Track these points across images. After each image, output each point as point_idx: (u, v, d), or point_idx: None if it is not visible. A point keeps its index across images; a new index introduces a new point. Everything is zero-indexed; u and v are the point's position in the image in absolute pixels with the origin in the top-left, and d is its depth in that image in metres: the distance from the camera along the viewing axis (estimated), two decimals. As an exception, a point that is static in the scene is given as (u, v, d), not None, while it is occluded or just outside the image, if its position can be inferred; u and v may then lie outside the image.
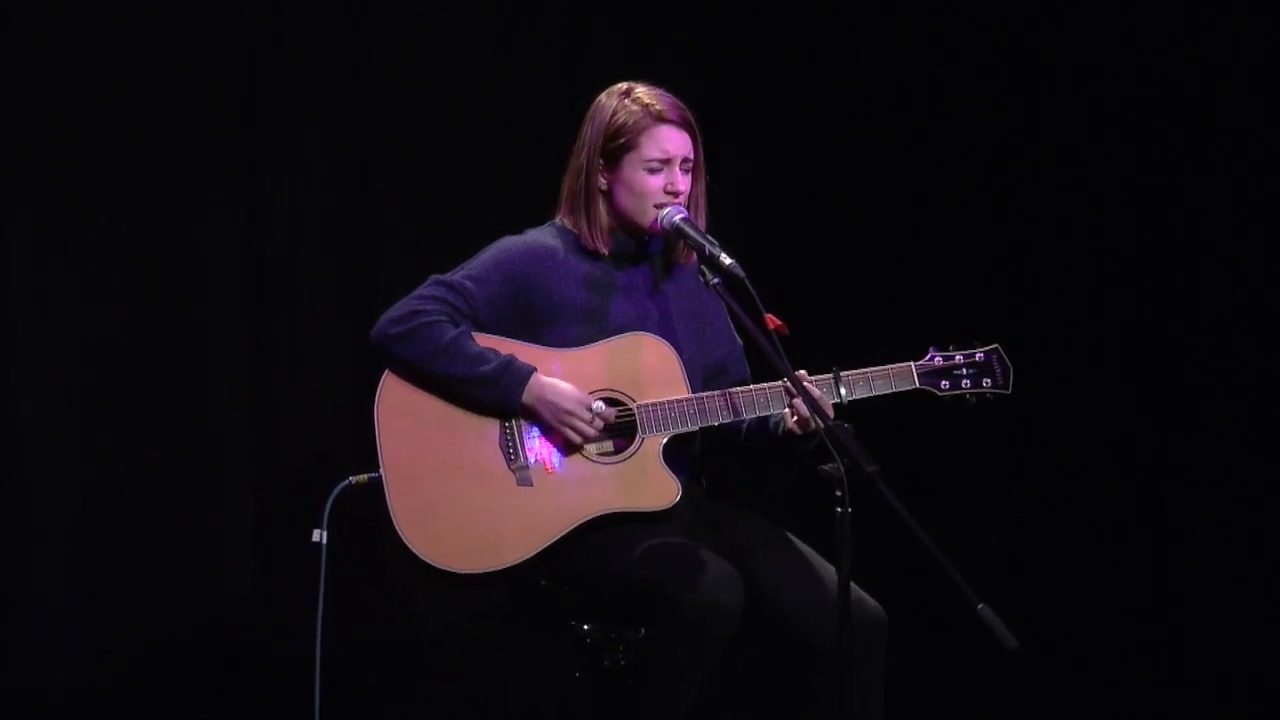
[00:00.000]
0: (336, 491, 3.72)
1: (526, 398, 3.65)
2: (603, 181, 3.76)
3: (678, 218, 3.69)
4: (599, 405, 3.66)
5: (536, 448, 3.67)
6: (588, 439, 3.66)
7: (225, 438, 4.95)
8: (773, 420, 3.75)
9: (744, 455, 3.86)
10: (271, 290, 5.00)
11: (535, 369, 3.66)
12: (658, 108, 3.72)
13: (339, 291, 5.06)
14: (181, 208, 4.92)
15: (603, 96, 3.78)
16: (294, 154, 5.02)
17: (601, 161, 3.75)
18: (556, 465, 3.67)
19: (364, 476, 3.70)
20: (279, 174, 5.01)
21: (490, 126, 5.19)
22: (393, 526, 3.62)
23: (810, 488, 3.40)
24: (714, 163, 3.82)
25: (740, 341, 3.89)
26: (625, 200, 3.74)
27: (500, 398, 3.64)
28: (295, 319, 5.02)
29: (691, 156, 3.74)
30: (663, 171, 3.72)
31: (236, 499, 4.97)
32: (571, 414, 3.64)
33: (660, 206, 3.71)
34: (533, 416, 3.67)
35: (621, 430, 3.69)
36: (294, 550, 3.92)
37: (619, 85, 3.78)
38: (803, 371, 3.61)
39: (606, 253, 3.77)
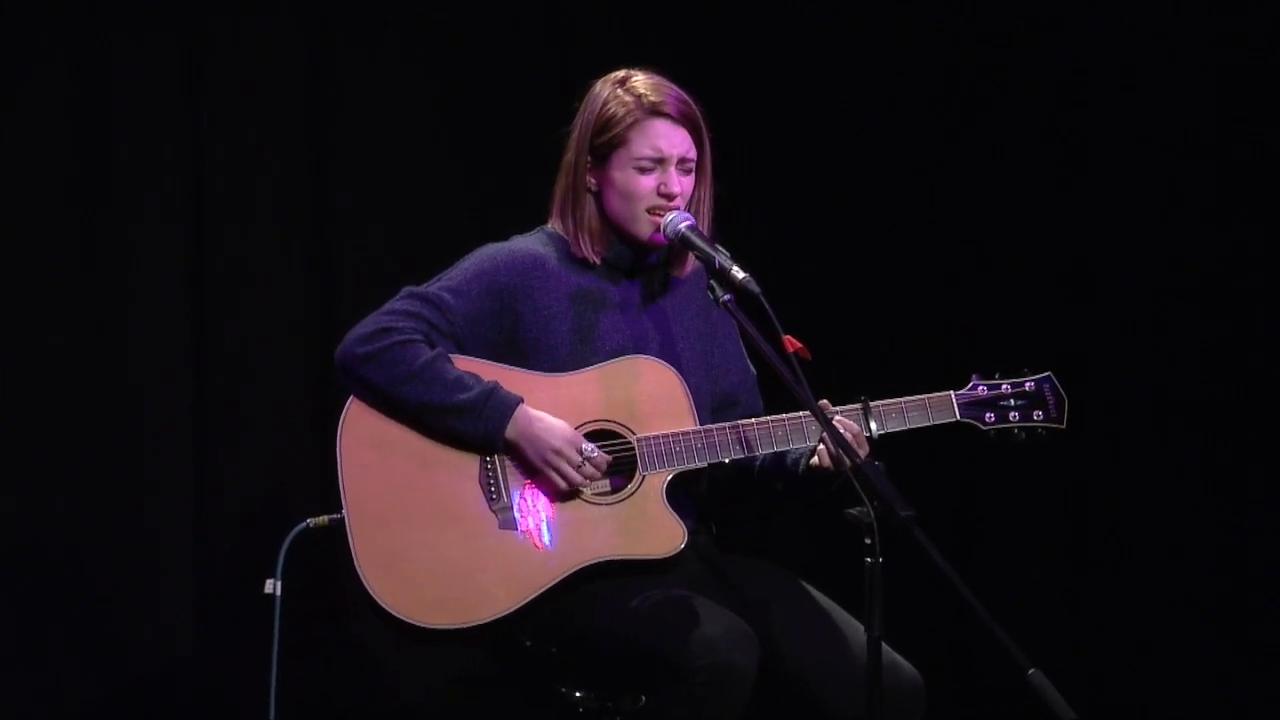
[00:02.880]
0: (292, 536, 3.73)
1: (511, 432, 3.66)
2: (591, 181, 3.78)
3: (683, 225, 3.70)
4: (590, 447, 3.67)
5: (522, 486, 3.68)
6: (573, 485, 3.67)
7: (162, 473, 4.94)
8: (790, 457, 3.76)
9: (758, 496, 3.87)
10: (216, 305, 5.00)
11: (522, 399, 3.67)
12: (652, 99, 3.73)
13: (296, 306, 5.06)
14: (115, 209, 4.92)
15: (598, 83, 3.80)
16: (242, 148, 5.03)
17: (590, 159, 3.77)
18: (545, 506, 3.69)
19: (324, 518, 3.71)
20: (225, 171, 5.02)
21: (471, 117, 5.20)
22: (357, 575, 3.61)
23: (835, 534, 3.41)
24: (725, 163, 3.83)
25: (753, 370, 3.90)
26: (615, 203, 3.76)
27: (482, 430, 3.65)
28: (245, 338, 5.01)
29: (692, 156, 3.75)
30: (655, 171, 3.73)
31: (175, 545, 4.95)
32: (559, 453, 3.65)
33: (653, 211, 3.73)
34: (517, 454, 3.68)
35: (619, 467, 3.70)
36: (243, 604, 3.92)
37: (617, 72, 3.80)
38: (825, 401, 3.62)
39: (599, 262, 3.79)
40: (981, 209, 5.57)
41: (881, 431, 3.70)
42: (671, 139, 3.73)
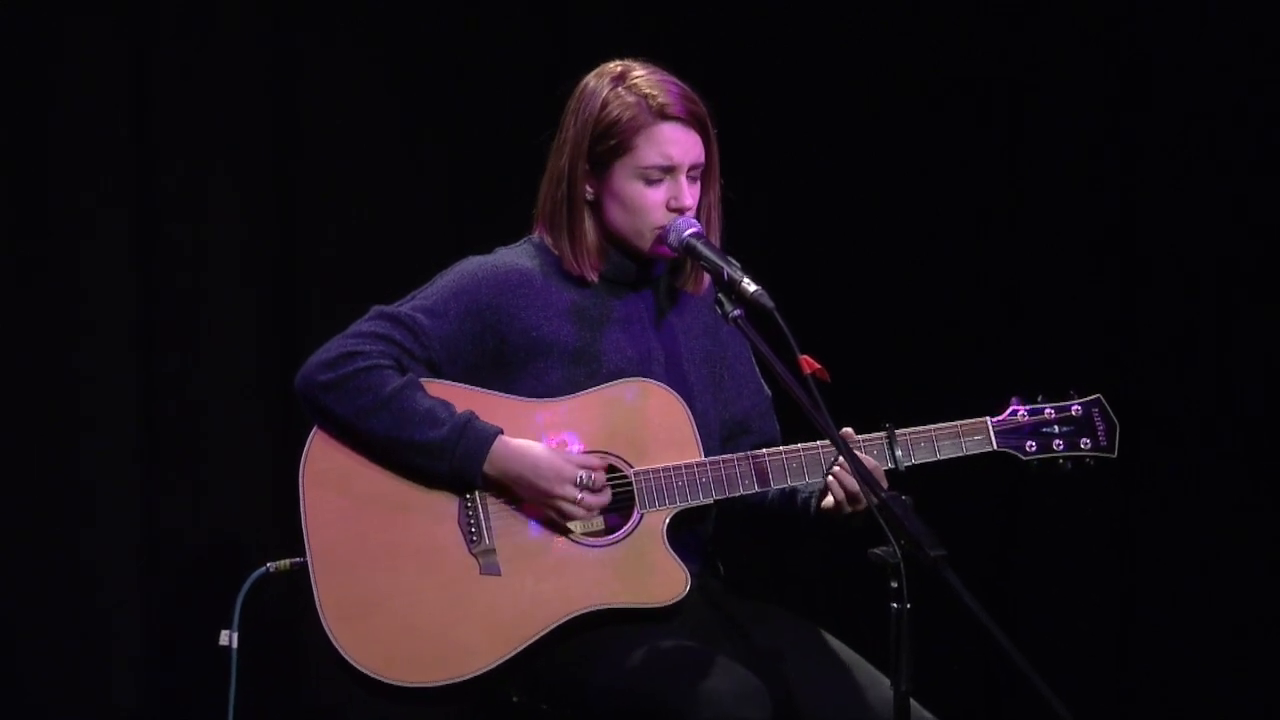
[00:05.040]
0: (250, 582, 3.71)
1: (490, 469, 3.63)
2: (589, 191, 3.75)
3: (688, 233, 3.67)
4: (586, 475, 3.64)
5: (506, 525, 3.65)
6: (579, 519, 3.64)
7: (107, 513, 4.94)
8: (801, 496, 3.73)
9: (770, 535, 3.84)
10: (167, 328, 5.00)
11: (500, 431, 3.63)
12: (660, 100, 3.69)
13: (253, 329, 5.06)
14: (61, 231, 4.93)
15: (590, 79, 3.76)
16: (197, 155, 5.03)
17: (587, 166, 3.73)
18: (531, 549, 3.66)
19: (285, 562, 3.70)
20: (178, 183, 5.02)
21: (448, 117, 5.21)
22: (320, 626, 3.58)
23: (857, 577, 3.39)
24: (734, 166, 3.80)
25: (768, 391, 3.88)
26: (617, 216, 3.73)
27: (456, 470, 3.62)
28: (198, 364, 5.02)
29: (701, 162, 3.72)
30: (664, 183, 3.70)
31: (122, 592, 4.96)
32: (551, 495, 3.62)
33: (662, 226, 3.70)
34: (504, 493, 3.65)
35: (615, 504, 3.67)
36: (196, 657, 3.91)
37: (611, 65, 3.76)
38: (848, 429, 3.59)
39: (596, 278, 3.76)
40: (1018, 213, 5.57)
41: (909, 463, 3.69)
42: (684, 145, 3.70)
